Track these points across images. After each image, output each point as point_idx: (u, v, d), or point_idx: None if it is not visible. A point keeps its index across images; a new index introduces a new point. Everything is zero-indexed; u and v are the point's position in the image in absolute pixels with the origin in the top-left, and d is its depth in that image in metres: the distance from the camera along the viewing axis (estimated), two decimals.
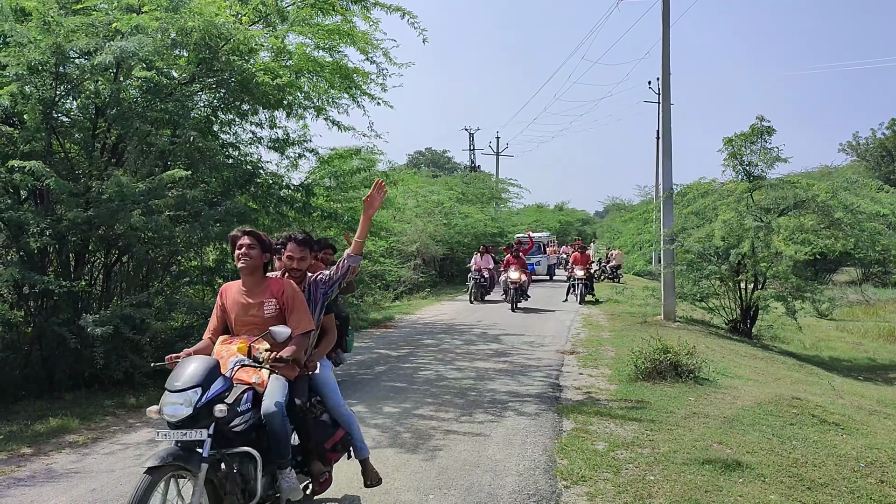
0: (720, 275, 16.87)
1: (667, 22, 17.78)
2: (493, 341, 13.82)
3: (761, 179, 16.84)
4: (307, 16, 10.55)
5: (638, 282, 31.12)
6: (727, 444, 6.68)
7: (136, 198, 8.56)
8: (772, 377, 11.51)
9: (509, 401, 8.61)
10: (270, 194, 11.62)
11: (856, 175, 22.25)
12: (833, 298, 21.50)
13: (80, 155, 9.67)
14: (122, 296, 9.94)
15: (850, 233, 15.52)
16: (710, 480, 5.68)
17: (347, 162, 15.07)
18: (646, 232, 26.20)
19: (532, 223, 47.38)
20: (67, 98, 9.57)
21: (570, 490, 5.54)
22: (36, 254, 8.93)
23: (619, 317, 18.13)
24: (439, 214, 31.14)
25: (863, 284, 34.66)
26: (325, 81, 11.66)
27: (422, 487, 5.55)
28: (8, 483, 5.72)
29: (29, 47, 8.19)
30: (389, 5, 11.22)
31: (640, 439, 6.83)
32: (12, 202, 8.69)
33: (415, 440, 6.86)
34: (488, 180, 50.38)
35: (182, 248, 10.03)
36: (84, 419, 7.65)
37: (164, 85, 9.65)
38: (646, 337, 10.80)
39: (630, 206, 54.33)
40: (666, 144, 17.90)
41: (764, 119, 16.71)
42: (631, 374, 9.79)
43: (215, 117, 11.05)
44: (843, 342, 20.07)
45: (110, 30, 8.79)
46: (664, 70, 18.10)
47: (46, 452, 6.54)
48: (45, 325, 8.53)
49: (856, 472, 6.07)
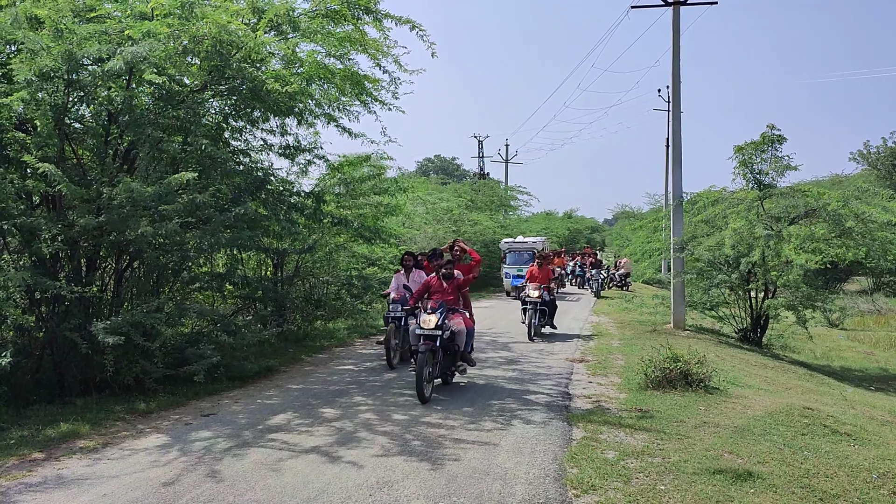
0: (730, 283, 16.80)
1: (677, 30, 17.78)
2: (502, 349, 13.79)
3: (772, 188, 16.81)
4: (319, 26, 10.62)
5: (647, 290, 31.06)
6: (738, 453, 6.64)
7: (146, 202, 8.61)
8: (782, 387, 11.44)
9: (519, 409, 8.59)
10: (281, 201, 11.67)
11: (867, 184, 22.19)
12: (844, 308, 21.44)
13: (92, 161, 9.74)
14: (132, 301, 9.99)
15: (862, 242, 15.46)
16: (721, 490, 5.64)
17: (357, 169, 15.14)
18: (655, 240, 26.19)
19: (540, 230, 47.29)
20: (80, 105, 9.65)
21: (580, 499, 5.52)
22: (48, 259, 8.98)
23: (629, 325, 18.07)
24: (448, 221, 31.18)
25: (874, 294, 34.46)
26: (335, 88, 11.72)
27: (431, 495, 5.53)
28: (19, 488, 5.74)
29: (41, 54, 8.26)
30: (400, 17, 11.27)
31: (650, 448, 6.79)
32: (25, 208, 8.76)
33: (424, 448, 6.85)
34: (497, 187, 50.38)
35: (193, 253, 10.08)
36: (95, 424, 7.67)
37: (176, 92, 9.73)
38: (655, 345, 10.76)
39: (640, 214, 54.27)
40: (676, 152, 17.87)
41: (774, 128, 16.70)
42: (641, 383, 9.75)
43: (226, 124, 11.11)
44: (854, 352, 19.96)
45: (122, 37, 8.87)
46: (674, 78, 18.08)
47: (57, 457, 6.56)
48: (57, 330, 8.57)
49: (868, 484, 6.02)
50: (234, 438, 7.19)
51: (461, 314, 9.88)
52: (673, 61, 17.89)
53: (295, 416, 8.21)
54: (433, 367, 9.08)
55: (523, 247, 28.70)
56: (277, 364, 11.33)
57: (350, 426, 7.71)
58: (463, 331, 9.61)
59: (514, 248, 28.96)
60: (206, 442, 7.06)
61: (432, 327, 9.02)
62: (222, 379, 9.70)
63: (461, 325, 9.65)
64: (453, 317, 9.64)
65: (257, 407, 8.69)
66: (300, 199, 12.32)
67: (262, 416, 8.16)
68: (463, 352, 9.73)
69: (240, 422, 7.91)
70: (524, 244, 28.97)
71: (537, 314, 15.21)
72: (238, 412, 8.39)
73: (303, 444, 6.96)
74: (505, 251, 29.27)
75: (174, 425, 7.76)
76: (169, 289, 10.86)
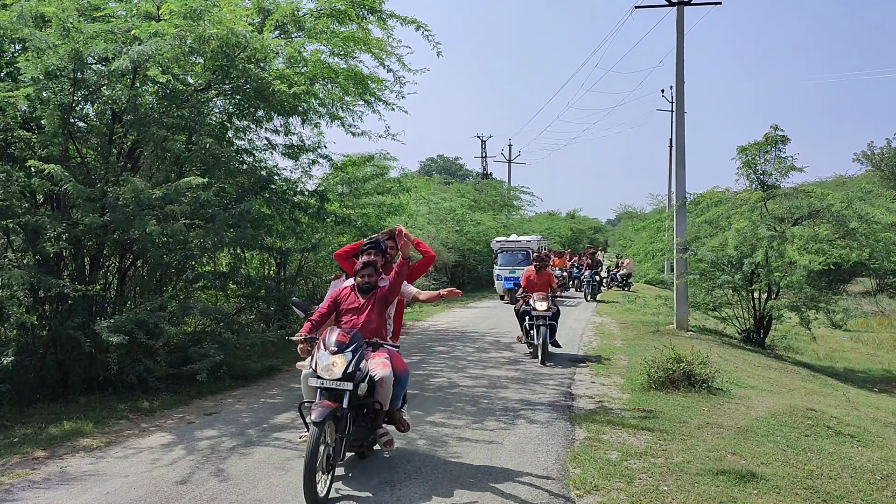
0: (733, 284, 16.78)
1: (681, 30, 17.77)
2: (505, 349, 13.79)
3: (775, 189, 16.79)
4: (324, 26, 10.63)
5: (650, 290, 31.02)
6: (741, 454, 6.64)
7: (151, 203, 8.63)
8: (786, 388, 11.43)
9: (521, 409, 8.59)
10: (285, 200, 11.69)
11: (871, 185, 22.18)
12: (847, 309, 21.40)
13: (96, 160, 9.75)
14: (136, 300, 10.01)
15: (865, 243, 15.44)
16: (724, 491, 5.64)
17: (361, 168, 15.17)
18: (658, 240, 26.11)
19: (543, 230, 47.23)
20: (85, 103, 9.66)
21: (582, 499, 5.51)
22: (52, 258, 9.00)
23: (632, 325, 18.05)
24: (451, 221, 31.20)
25: (877, 295, 34.40)
26: (339, 88, 11.73)
27: (434, 495, 5.54)
28: (23, 486, 5.75)
29: (48, 53, 8.28)
30: (405, 17, 11.29)
31: (653, 449, 6.79)
32: (29, 206, 8.77)
33: (427, 447, 6.85)
34: (500, 187, 50.41)
35: (196, 252, 10.09)
36: (98, 423, 7.69)
37: (180, 91, 9.75)
38: (658, 346, 10.76)
39: (642, 215, 54.22)
40: (679, 153, 17.85)
41: (778, 128, 16.70)
42: (644, 384, 9.75)
43: (230, 123, 11.13)
44: (857, 353, 19.93)
45: (128, 37, 8.88)
46: (678, 78, 18.06)
47: (61, 455, 6.58)
48: (61, 328, 8.59)
49: (872, 485, 6.01)
50: (239, 437, 7.20)
51: (386, 350, 6.16)
52: (677, 61, 17.88)
53: (299, 415, 8.21)
54: (338, 443, 5.49)
55: (516, 246, 26.80)
56: (280, 363, 11.33)
57: None
58: (389, 377, 5.83)
59: (506, 247, 26.97)
60: (211, 441, 7.07)
61: (337, 376, 5.48)
62: (225, 378, 9.71)
63: (386, 368, 5.86)
64: (374, 355, 6.00)
65: (261, 406, 8.70)
66: (303, 198, 12.34)
67: (266, 415, 8.17)
68: (390, 410, 6.07)
69: (244, 420, 7.91)
70: (517, 243, 27.11)
71: (548, 331, 12.32)
72: (242, 411, 8.40)
73: None
74: (496, 251, 27.27)
75: (178, 424, 7.77)
76: (172, 287, 10.87)
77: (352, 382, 5.49)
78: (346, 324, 6.12)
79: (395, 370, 6.02)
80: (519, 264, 25.20)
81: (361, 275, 6.24)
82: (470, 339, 15.55)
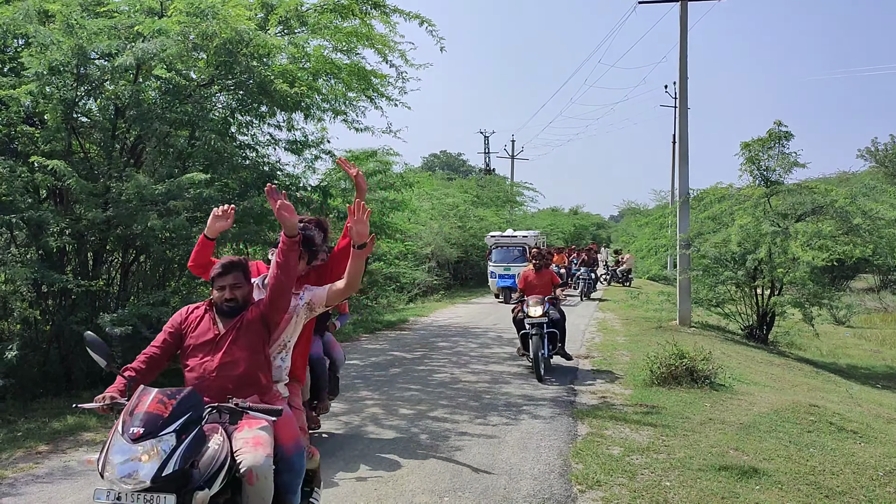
0: (736, 280, 16.76)
1: (684, 26, 17.73)
2: (507, 345, 13.79)
3: (779, 184, 16.75)
4: (327, 21, 10.62)
5: (653, 286, 30.98)
6: (744, 450, 6.64)
7: (154, 198, 8.64)
8: (788, 384, 11.42)
9: (524, 404, 8.59)
10: (288, 195, 11.66)
11: (874, 181, 22.14)
12: (850, 305, 21.35)
13: (99, 155, 9.76)
14: (139, 295, 10.01)
15: (869, 239, 15.39)
16: (726, 487, 5.64)
17: (364, 164, 15.16)
18: (661, 236, 26.04)
19: (546, 227, 47.15)
20: (88, 99, 9.66)
21: (585, 495, 5.52)
22: (55, 253, 9.01)
23: (634, 321, 18.05)
24: (454, 217, 31.19)
25: (881, 291, 34.36)
26: (342, 83, 11.71)
27: (436, 490, 5.55)
28: (26, 479, 5.77)
29: (51, 48, 8.28)
30: (409, 12, 11.26)
31: (655, 444, 6.79)
32: (32, 201, 8.78)
33: (430, 442, 6.86)
34: (503, 183, 50.38)
35: None
36: (101, 417, 7.68)
37: (183, 86, 9.74)
38: (661, 342, 10.75)
39: (646, 211, 54.02)
40: (682, 148, 17.82)
41: (782, 124, 16.62)
42: (646, 379, 9.74)
43: (233, 119, 11.12)
44: (860, 349, 19.89)
45: (132, 32, 8.87)
46: (681, 74, 18.02)
47: (64, 450, 6.60)
48: (64, 323, 8.61)
49: (874, 481, 6.01)
50: None
51: (264, 417, 3.42)
52: (680, 57, 17.84)
53: None
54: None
55: (512, 241, 25.31)
56: None
57: (357, 420, 7.74)
58: (263, 466, 3.34)
59: (501, 242, 25.40)
60: None
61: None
62: None
63: (258, 449, 3.38)
64: (240, 426, 3.51)
65: None
66: (307, 193, 12.33)
67: None
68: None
69: None
70: (513, 238, 25.67)
71: (545, 341, 10.18)
72: None
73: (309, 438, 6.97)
74: (491, 246, 25.55)
75: None
76: (175, 282, 10.88)
77: (173, 496, 3.01)
78: (192, 371, 3.71)
79: (281, 446, 3.64)
80: (515, 261, 23.94)
81: (221, 286, 3.83)
82: (472, 334, 15.56)
